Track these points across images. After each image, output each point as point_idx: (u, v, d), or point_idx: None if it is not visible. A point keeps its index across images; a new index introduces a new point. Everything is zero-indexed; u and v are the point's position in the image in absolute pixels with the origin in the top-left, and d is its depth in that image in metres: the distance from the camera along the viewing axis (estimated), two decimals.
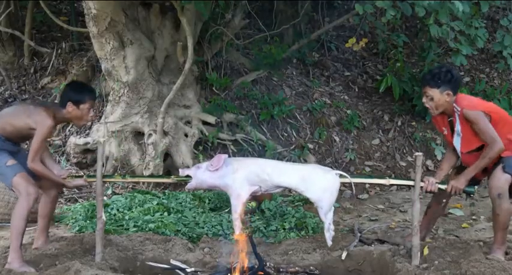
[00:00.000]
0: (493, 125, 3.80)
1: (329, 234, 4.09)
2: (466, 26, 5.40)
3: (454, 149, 4.03)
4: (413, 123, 7.37)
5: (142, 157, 6.01)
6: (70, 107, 3.84)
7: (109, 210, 4.93)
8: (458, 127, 3.89)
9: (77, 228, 4.64)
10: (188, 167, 5.22)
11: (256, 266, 3.57)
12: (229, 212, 4.51)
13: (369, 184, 5.99)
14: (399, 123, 7.34)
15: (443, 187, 3.87)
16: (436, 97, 3.85)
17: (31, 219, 4.86)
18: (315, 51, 8.01)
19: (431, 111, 3.97)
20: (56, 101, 6.13)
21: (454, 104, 3.87)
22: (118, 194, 5.63)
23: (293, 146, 6.70)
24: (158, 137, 5.90)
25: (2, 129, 3.82)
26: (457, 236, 4.52)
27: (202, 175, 4.07)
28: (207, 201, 5.29)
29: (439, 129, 4.16)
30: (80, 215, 4.90)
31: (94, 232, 4.02)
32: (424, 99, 3.94)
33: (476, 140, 3.87)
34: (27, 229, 4.72)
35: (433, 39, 6.91)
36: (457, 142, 3.95)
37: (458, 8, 4.69)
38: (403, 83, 7.25)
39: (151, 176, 5.74)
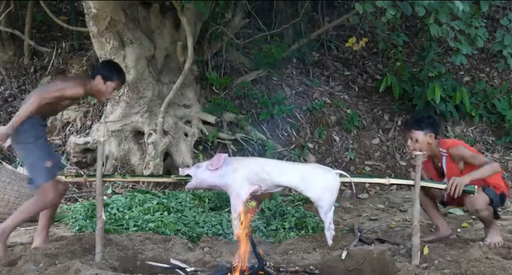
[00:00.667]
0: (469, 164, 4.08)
1: (329, 233, 4.09)
2: (466, 26, 5.40)
3: None
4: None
5: (142, 156, 6.01)
6: (98, 81, 4.00)
7: (109, 209, 4.93)
8: (445, 168, 4.18)
9: (77, 227, 4.64)
10: (188, 166, 5.22)
11: (256, 266, 3.57)
12: (229, 211, 4.51)
13: (369, 183, 5.99)
14: (399, 122, 7.34)
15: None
16: (420, 138, 4.14)
17: (31, 219, 4.89)
18: (315, 50, 8.01)
19: (412, 154, 4.11)
20: None
21: (440, 149, 4.16)
22: (118, 193, 5.63)
23: (293, 146, 6.70)
24: (158, 136, 5.90)
25: (39, 110, 3.84)
26: (457, 236, 4.52)
27: (202, 174, 4.07)
28: (207, 200, 5.29)
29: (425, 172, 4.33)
30: (80, 214, 4.90)
31: (94, 231, 4.01)
32: (409, 143, 4.21)
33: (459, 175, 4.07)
34: (27, 228, 4.76)
35: (433, 38, 6.91)
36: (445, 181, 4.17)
37: (458, 8, 4.68)
38: (403, 82, 7.25)
39: (151, 175, 5.75)
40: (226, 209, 5.04)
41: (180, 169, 4.25)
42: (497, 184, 4.17)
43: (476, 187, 3.90)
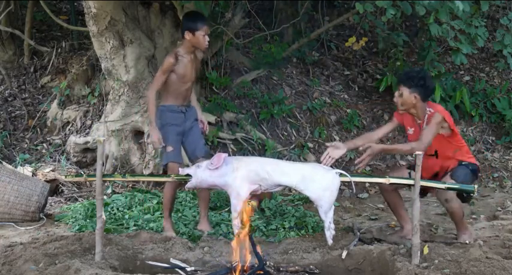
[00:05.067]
0: (451, 135, 4.19)
1: (329, 233, 4.09)
2: (466, 25, 5.40)
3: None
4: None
5: (142, 156, 6.01)
6: (187, 35, 4.27)
7: (109, 209, 4.94)
8: (425, 126, 4.20)
9: (77, 227, 4.65)
10: (188, 166, 5.22)
11: (256, 266, 3.57)
12: (229, 211, 4.51)
13: (369, 183, 5.99)
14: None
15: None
16: (405, 95, 4.20)
17: (31, 218, 4.90)
18: (315, 50, 8.01)
19: (397, 106, 4.32)
20: None
21: (428, 108, 4.20)
22: (118, 193, 5.63)
23: (293, 145, 6.70)
24: None
25: (163, 98, 4.42)
26: (456, 235, 4.52)
27: (203, 173, 4.07)
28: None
29: (405, 126, 4.43)
30: (80, 214, 4.90)
31: (94, 231, 4.02)
32: (396, 94, 4.30)
33: (433, 144, 4.15)
34: (27, 228, 4.76)
35: (433, 38, 6.91)
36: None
37: (458, 7, 4.69)
38: None
39: (151, 175, 5.74)
40: (226, 209, 5.04)
41: (180, 169, 4.25)
42: (468, 158, 4.23)
43: (476, 186, 3.89)
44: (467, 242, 4.10)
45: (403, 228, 4.42)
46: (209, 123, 6.25)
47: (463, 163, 4.22)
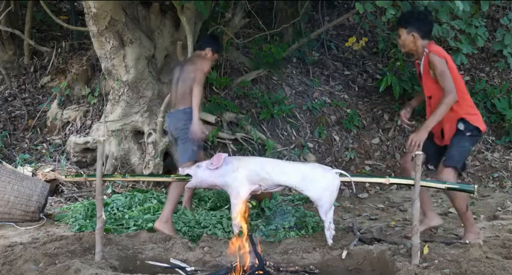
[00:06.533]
0: None
1: (329, 233, 4.09)
2: (466, 25, 5.40)
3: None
4: (414, 122, 7.34)
5: (142, 156, 6.01)
6: (209, 52, 4.81)
7: (109, 209, 4.94)
8: (421, 69, 4.16)
9: (77, 227, 4.64)
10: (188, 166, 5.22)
11: (256, 265, 3.57)
12: (229, 210, 4.51)
13: (368, 183, 5.99)
14: (399, 122, 7.33)
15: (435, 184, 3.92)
16: (403, 36, 4.17)
17: (31, 218, 4.89)
18: (315, 50, 8.01)
19: (400, 49, 4.33)
20: None
21: (425, 48, 4.10)
22: (118, 193, 5.63)
23: (293, 145, 6.70)
24: (158, 136, 5.90)
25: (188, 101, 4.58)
26: (456, 235, 4.52)
27: (203, 173, 4.07)
28: (207, 200, 5.29)
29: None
30: (80, 214, 4.90)
31: (94, 231, 4.02)
32: (398, 38, 4.27)
33: (434, 87, 4.10)
34: (27, 228, 4.76)
35: (433, 38, 6.90)
36: (423, 84, 4.22)
37: (458, 7, 4.69)
38: (403, 82, 7.25)
39: (151, 175, 5.74)
40: (226, 208, 5.04)
41: (180, 169, 4.25)
42: (468, 113, 4.11)
43: (476, 186, 3.89)
44: (467, 242, 4.09)
45: (426, 215, 4.37)
46: (209, 123, 6.29)
47: (461, 126, 4.08)
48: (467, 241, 4.11)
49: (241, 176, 4.03)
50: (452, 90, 3.96)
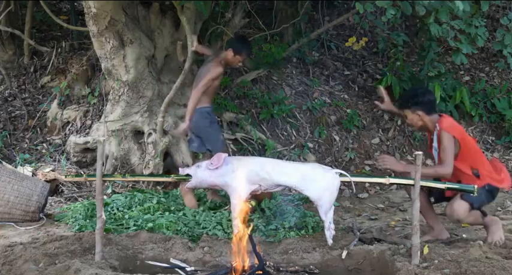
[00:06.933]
0: (460, 153, 4.15)
1: (329, 233, 4.09)
2: (466, 25, 5.40)
3: None
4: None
5: (142, 156, 6.01)
6: (230, 53, 5.00)
7: (109, 209, 4.93)
8: (435, 144, 4.24)
9: (77, 227, 4.64)
10: (188, 166, 5.22)
11: (256, 265, 3.57)
12: (229, 210, 4.51)
13: (368, 183, 5.99)
14: (399, 122, 7.34)
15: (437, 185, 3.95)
16: (409, 116, 4.32)
17: (31, 218, 4.89)
18: (315, 50, 8.01)
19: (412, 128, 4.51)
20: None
21: (436, 124, 4.20)
22: (118, 193, 5.63)
23: (293, 145, 6.70)
24: (158, 136, 5.90)
25: (202, 100, 4.96)
26: (456, 235, 4.52)
27: (203, 173, 4.08)
28: (206, 200, 5.29)
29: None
30: (80, 214, 4.90)
31: (94, 231, 4.02)
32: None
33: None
34: (27, 228, 4.76)
35: (433, 38, 6.91)
36: (435, 155, 4.31)
37: (458, 7, 4.69)
38: (403, 82, 7.25)
39: (151, 175, 5.74)
40: (226, 208, 5.04)
41: (180, 169, 4.26)
42: (483, 175, 4.16)
43: (476, 186, 3.89)
44: (496, 242, 4.10)
45: (433, 229, 4.39)
46: None
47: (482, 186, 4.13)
48: (488, 241, 4.14)
49: (241, 176, 4.03)
50: (450, 165, 4.08)
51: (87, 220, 4.74)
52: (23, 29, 7.24)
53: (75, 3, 7.68)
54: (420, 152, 3.68)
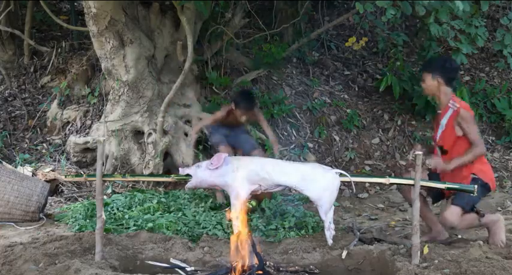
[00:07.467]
0: (464, 136, 4.12)
1: (329, 233, 4.09)
2: (466, 25, 5.40)
3: None
4: (413, 122, 7.37)
5: (142, 156, 6.01)
6: (232, 106, 5.09)
7: (109, 209, 4.93)
8: (445, 120, 4.18)
9: (77, 227, 4.64)
10: (188, 166, 5.22)
11: (256, 265, 3.57)
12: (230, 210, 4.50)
13: (368, 183, 5.99)
14: (399, 122, 7.34)
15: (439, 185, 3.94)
16: (427, 81, 4.23)
17: (31, 218, 4.89)
18: (315, 50, 8.01)
19: (423, 92, 4.53)
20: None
21: (451, 101, 4.15)
22: (118, 193, 5.63)
23: (293, 145, 6.70)
24: (158, 136, 5.90)
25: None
26: (456, 235, 4.52)
27: (203, 173, 4.07)
28: (207, 200, 5.29)
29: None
30: (80, 214, 4.89)
31: (94, 231, 4.02)
32: (422, 83, 4.34)
33: (452, 141, 4.14)
34: (27, 228, 4.76)
35: (433, 38, 6.91)
36: (438, 133, 4.25)
37: (458, 7, 4.69)
38: (403, 82, 7.25)
39: (151, 175, 5.74)
40: (226, 209, 5.04)
41: (180, 169, 4.25)
42: (480, 170, 4.14)
43: (475, 186, 3.88)
44: (498, 243, 4.08)
45: (432, 230, 4.38)
46: None
47: (473, 177, 4.12)
48: (499, 243, 4.11)
49: (241, 176, 4.03)
50: (481, 141, 4.10)
51: (87, 220, 4.74)
52: (23, 29, 7.24)
53: (75, 3, 7.68)
54: (420, 152, 3.68)
